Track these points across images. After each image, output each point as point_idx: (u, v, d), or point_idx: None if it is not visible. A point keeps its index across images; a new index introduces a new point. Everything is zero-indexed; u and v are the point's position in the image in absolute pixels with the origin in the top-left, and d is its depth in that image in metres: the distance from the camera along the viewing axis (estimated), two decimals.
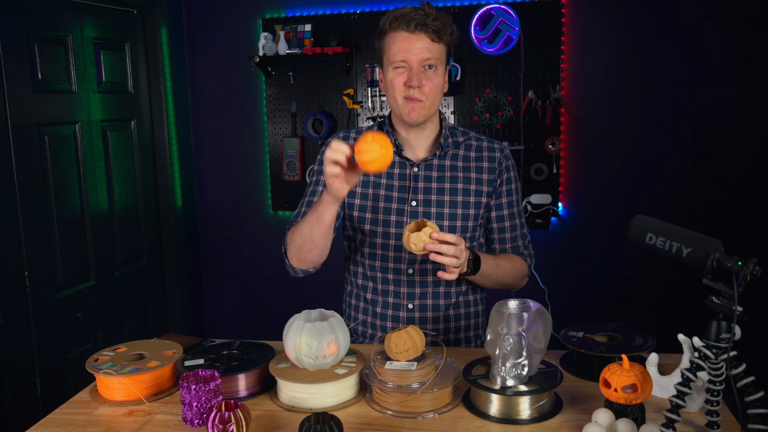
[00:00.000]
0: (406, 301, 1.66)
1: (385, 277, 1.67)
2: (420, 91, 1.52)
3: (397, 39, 1.52)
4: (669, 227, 1.12)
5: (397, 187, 1.64)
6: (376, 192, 1.65)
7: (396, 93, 1.55)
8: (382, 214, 1.64)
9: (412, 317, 1.67)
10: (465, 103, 3.19)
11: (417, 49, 1.50)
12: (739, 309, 1.03)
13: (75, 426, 1.28)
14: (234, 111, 3.51)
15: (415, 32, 1.50)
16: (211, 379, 1.28)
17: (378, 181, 1.65)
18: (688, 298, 2.96)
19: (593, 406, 1.23)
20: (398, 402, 1.28)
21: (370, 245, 1.67)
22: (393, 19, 1.52)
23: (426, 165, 1.64)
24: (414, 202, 1.63)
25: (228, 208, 3.61)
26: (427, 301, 1.66)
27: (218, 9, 3.42)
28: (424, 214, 1.62)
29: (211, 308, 3.73)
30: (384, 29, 1.55)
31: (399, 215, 1.63)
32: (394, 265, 1.65)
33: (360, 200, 1.66)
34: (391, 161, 1.32)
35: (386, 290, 1.67)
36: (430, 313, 1.67)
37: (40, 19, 2.56)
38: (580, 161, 3.15)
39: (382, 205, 1.64)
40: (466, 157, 1.66)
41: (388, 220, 1.63)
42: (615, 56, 3.05)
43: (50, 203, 2.61)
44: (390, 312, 1.67)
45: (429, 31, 1.50)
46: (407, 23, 1.50)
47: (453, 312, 1.69)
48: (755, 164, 2.97)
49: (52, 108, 2.63)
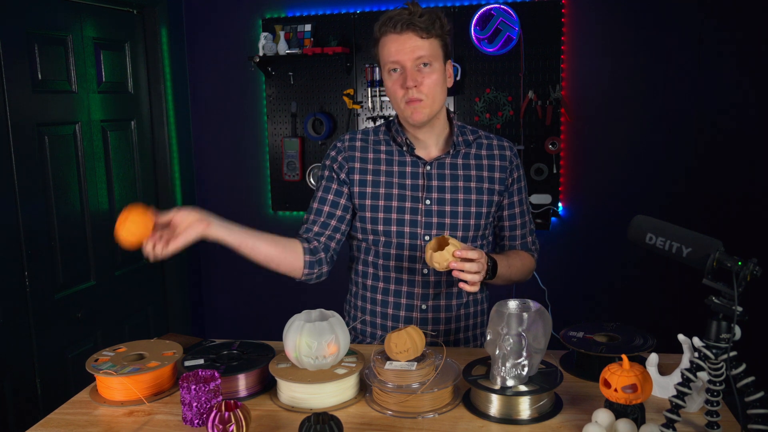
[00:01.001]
0: (420, 302, 1.65)
1: (399, 277, 1.65)
2: (418, 90, 1.52)
3: (388, 42, 1.53)
4: (669, 227, 1.12)
5: (410, 186, 1.63)
6: (388, 191, 1.63)
7: (397, 98, 1.55)
8: (395, 213, 1.62)
9: (425, 318, 1.66)
10: (465, 103, 3.19)
11: (407, 48, 1.51)
12: (739, 309, 1.03)
13: (75, 426, 1.28)
14: (234, 111, 3.51)
15: (403, 33, 1.50)
16: (211, 379, 1.28)
17: (390, 181, 1.63)
18: (688, 298, 2.96)
19: (593, 406, 1.23)
20: (398, 402, 1.28)
21: (385, 245, 1.64)
22: (382, 24, 1.54)
23: (439, 164, 1.64)
24: (428, 201, 1.62)
25: (228, 208, 3.61)
26: (441, 301, 1.66)
27: (218, 9, 3.42)
28: (438, 212, 1.61)
29: (211, 308, 3.73)
30: (376, 36, 1.57)
31: (413, 214, 1.62)
32: (409, 265, 1.64)
33: (371, 200, 1.64)
34: (140, 237, 1.40)
35: (399, 291, 1.66)
36: (443, 313, 1.67)
37: (40, 19, 2.56)
38: (580, 161, 3.15)
39: (395, 204, 1.62)
40: (477, 155, 1.66)
41: (402, 219, 1.62)
42: (615, 56, 3.05)
43: (50, 203, 2.61)
44: (403, 313, 1.66)
45: (417, 29, 1.50)
46: (394, 25, 1.51)
47: (464, 311, 1.70)
48: (755, 164, 2.97)
49: (52, 108, 2.63)
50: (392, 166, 1.65)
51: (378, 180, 1.64)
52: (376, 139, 1.68)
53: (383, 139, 1.68)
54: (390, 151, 1.66)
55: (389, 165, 1.65)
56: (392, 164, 1.65)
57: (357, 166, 1.66)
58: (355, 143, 1.68)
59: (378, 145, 1.67)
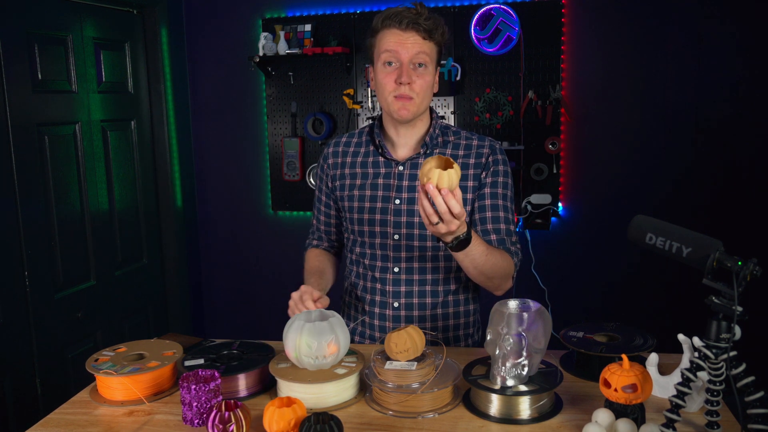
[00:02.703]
0: (392, 300, 1.67)
1: (373, 275, 1.69)
2: (410, 87, 1.53)
3: (389, 35, 1.54)
4: (669, 227, 1.12)
5: (381, 186, 1.65)
6: (362, 193, 1.67)
7: (386, 91, 1.56)
8: (367, 213, 1.66)
9: (398, 315, 1.67)
10: (465, 103, 3.19)
11: (408, 45, 1.52)
12: (739, 309, 1.03)
13: (75, 426, 1.28)
14: (234, 111, 3.51)
15: (406, 30, 1.52)
16: (211, 379, 1.28)
17: (364, 183, 1.67)
18: (688, 298, 2.96)
19: (593, 406, 1.23)
20: (398, 402, 1.28)
21: (360, 245, 1.70)
22: (386, 17, 1.54)
23: (411, 164, 1.65)
24: (398, 200, 1.63)
25: (228, 208, 3.61)
26: (413, 299, 1.66)
27: (218, 9, 3.42)
28: (407, 212, 1.62)
29: (211, 308, 3.73)
30: (376, 27, 1.57)
31: (383, 214, 1.64)
32: (381, 264, 1.67)
33: (348, 202, 1.69)
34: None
35: (374, 288, 1.69)
36: (416, 311, 1.67)
37: (40, 19, 2.56)
38: (580, 161, 3.15)
39: (368, 205, 1.66)
40: (453, 155, 1.64)
41: (373, 219, 1.65)
42: (615, 56, 3.05)
43: (50, 203, 2.61)
44: (377, 310, 1.69)
45: (420, 29, 1.51)
46: (399, 21, 1.52)
47: (441, 311, 1.68)
48: (755, 164, 2.97)
49: (52, 108, 2.63)
50: (367, 168, 1.69)
51: (354, 183, 1.69)
52: (358, 141, 1.73)
53: (365, 141, 1.72)
54: (368, 152, 1.70)
55: (364, 167, 1.69)
56: (367, 166, 1.69)
57: (338, 173, 1.73)
58: (338, 148, 1.75)
59: (359, 147, 1.72)
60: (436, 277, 1.66)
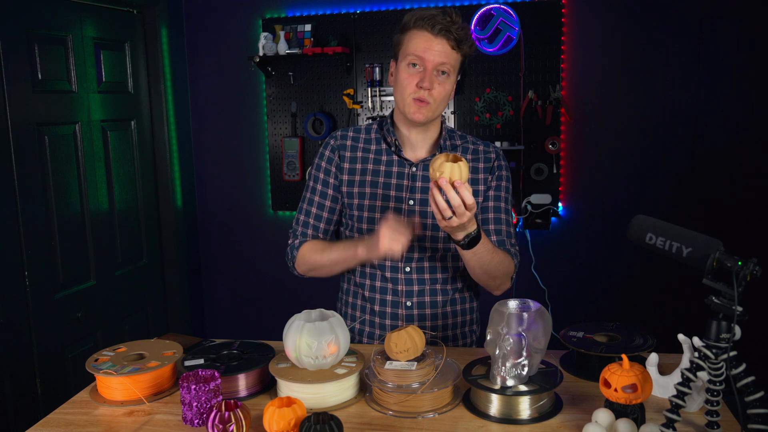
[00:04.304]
0: (405, 299, 1.67)
1: (383, 275, 1.68)
2: (429, 93, 1.54)
3: (419, 37, 1.53)
4: (669, 227, 1.12)
5: (394, 186, 1.65)
6: (373, 191, 1.66)
7: (406, 92, 1.56)
8: (379, 212, 1.65)
9: (411, 315, 1.68)
10: (465, 103, 3.19)
11: (436, 51, 1.52)
12: (739, 309, 1.03)
13: (75, 426, 1.29)
14: (234, 111, 3.51)
15: (437, 36, 1.52)
16: (211, 379, 1.28)
17: (376, 180, 1.66)
18: (688, 298, 2.97)
19: (593, 406, 1.23)
20: (398, 402, 1.28)
21: None
22: (419, 18, 1.53)
23: (425, 165, 1.65)
24: (411, 201, 1.64)
25: (228, 208, 3.61)
26: (425, 298, 1.67)
27: (218, 9, 3.42)
28: (421, 213, 1.63)
29: (211, 308, 3.73)
30: (407, 25, 1.56)
31: (396, 214, 1.63)
32: (392, 263, 1.67)
33: (358, 200, 1.67)
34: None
35: (385, 288, 1.68)
36: (428, 309, 1.68)
37: (40, 19, 2.56)
38: (580, 161, 3.15)
39: (379, 204, 1.65)
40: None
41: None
42: (615, 56, 3.05)
43: (50, 203, 2.61)
44: (389, 310, 1.69)
45: (451, 38, 1.52)
46: (432, 25, 1.51)
47: (450, 309, 1.70)
48: (755, 164, 2.97)
49: (52, 108, 2.63)
50: (380, 165, 1.67)
51: (365, 179, 1.67)
52: (366, 138, 1.71)
53: (374, 138, 1.70)
54: (379, 150, 1.68)
55: (377, 164, 1.67)
56: (380, 164, 1.67)
57: (346, 166, 1.69)
58: (346, 141, 1.71)
59: (369, 143, 1.70)
60: (446, 276, 1.68)
